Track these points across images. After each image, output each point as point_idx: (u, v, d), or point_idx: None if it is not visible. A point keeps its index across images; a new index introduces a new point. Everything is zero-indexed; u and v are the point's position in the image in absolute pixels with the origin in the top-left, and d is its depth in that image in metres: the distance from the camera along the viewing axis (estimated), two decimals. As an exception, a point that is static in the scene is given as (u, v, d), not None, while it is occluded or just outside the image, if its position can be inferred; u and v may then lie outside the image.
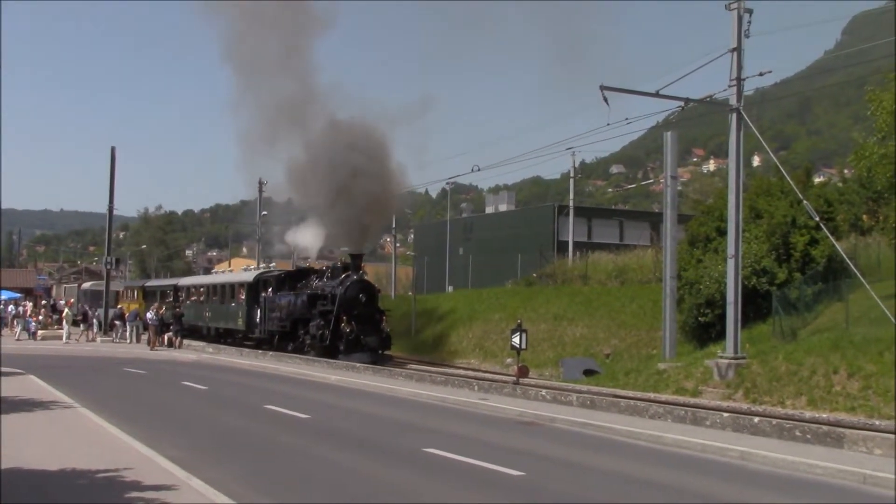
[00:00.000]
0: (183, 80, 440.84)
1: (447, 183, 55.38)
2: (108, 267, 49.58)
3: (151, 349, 36.74)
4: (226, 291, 42.50)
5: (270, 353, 34.43)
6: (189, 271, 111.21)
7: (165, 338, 39.03)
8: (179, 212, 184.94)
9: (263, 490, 10.16)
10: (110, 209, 48.42)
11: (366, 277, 33.44)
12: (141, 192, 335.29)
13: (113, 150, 47.53)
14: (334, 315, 31.09)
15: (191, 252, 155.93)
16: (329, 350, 30.97)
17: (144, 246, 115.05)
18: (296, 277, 36.88)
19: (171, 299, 48.52)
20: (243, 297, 39.39)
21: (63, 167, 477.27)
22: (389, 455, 12.79)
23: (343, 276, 32.73)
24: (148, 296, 53.21)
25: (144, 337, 40.12)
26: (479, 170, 29.27)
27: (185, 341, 39.65)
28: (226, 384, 23.87)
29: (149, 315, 39.37)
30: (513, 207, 67.58)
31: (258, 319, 37.75)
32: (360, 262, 33.40)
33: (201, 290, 46.29)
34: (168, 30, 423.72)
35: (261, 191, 58.70)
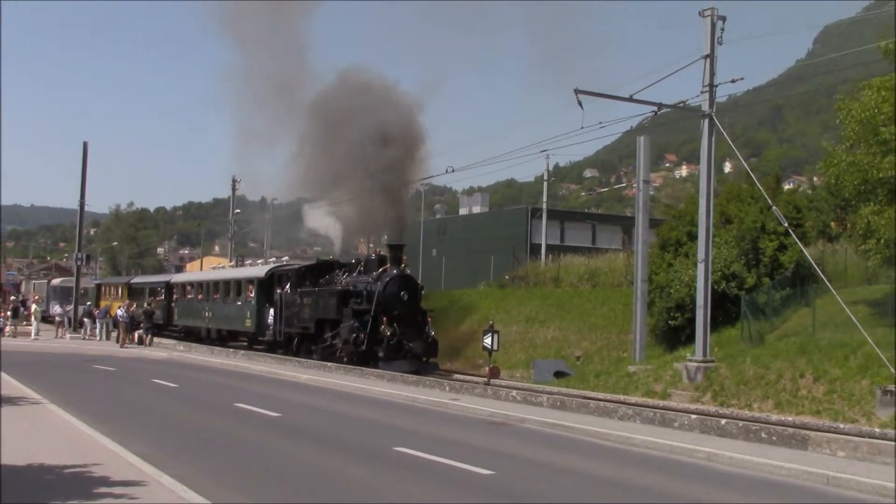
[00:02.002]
0: (157, 76, 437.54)
1: (421, 184, 55.44)
2: (79, 263, 49.18)
3: (121, 346, 36.45)
4: (230, 289, 38.15)
5: (242, 351, 34.15)
6: (161, 269, 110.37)
7: (136, 335, 38.73)
8: (152, 209, 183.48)
9: (233, 487, 10.16)
10: (81, 205, 48.03)
11: (408, 271, 29.32)
12: (113, 188, 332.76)
13: (85, 145, 47.22)
14: (372, 315, 26.96)
15: (162, 250, 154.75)
16: (365, 356, 26.84)
17: (116, 243, 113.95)
18: (318, 272, 32.52)
19: (163, 297, 45.91)
20: (252, 295, 35.23)
21: (34, 162, 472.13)
22: (359, 453, 12.81)
23: (380, 269, 28.43)
24: (134, 293, 50.12)
25: (115, 334, 39.81)
26: (452, 171, 28.51)
27: (156, 339, 39.40)
28: (196, 382, 23.76)
29: (119, 312, 39.05)
30: (486, 209, 67.73)
31: (271, 320, 33.55)
32: (401, 253, 28.94)
33: (200, 287, 42.23)
34: (141, 23, 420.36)
35: (234, 188, 58.49)
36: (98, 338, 41.41)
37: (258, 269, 36.89)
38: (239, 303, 36.81)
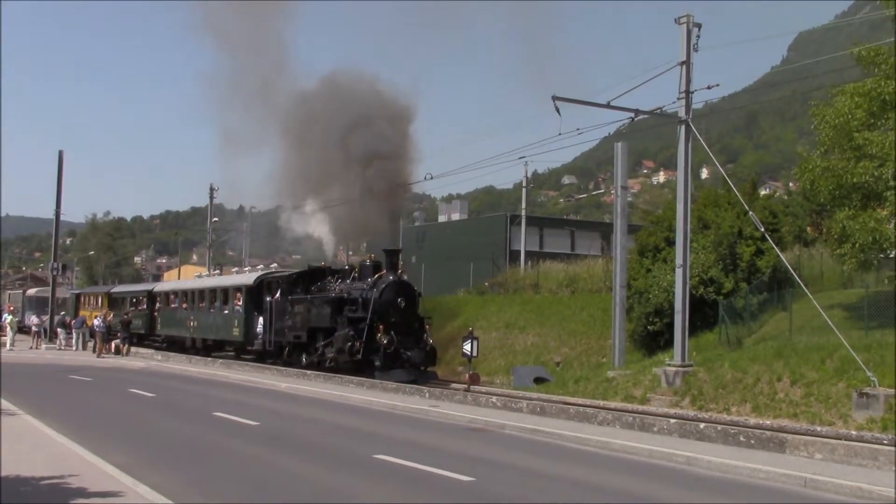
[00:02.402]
0: (134, 84, 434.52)
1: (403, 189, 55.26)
2: (55, 273, 48.72)
3: (98, 356, 36.16)
4: (217, 297, 36.95)
5: (220, 360, 33.91)
6: (138, 278, 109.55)
7: (112, 345, 38.42)
8: (128, 218, 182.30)
9: (211, 496, 10.10)
10: (57, 214, 47.61)
11: (405, 277, 28.26)
12: (89, 197, 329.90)
13: (60, 154, 46.85)
14: (368, 323, 26.03)
15: (140, 259, 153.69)
16: (361, 366, 25.97)
17: (92, 252, 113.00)
18: (310, 279, 31.45)
19: (145, 307, 44.90)
20: (240, 303, 34.25)
21: (8, 171, 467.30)
22: (339, 461, 12.76)
23: (376, 276, 27.51)
24: (115, 302, 49.31)
25: (91, 344, 39.46)
26: (431, 178, 28.02)
27: (134, 349, 39.11)
28: (174, 391, 23.58)
29: (96, 322, 38.74)
30: (465, 216, 67.78)
31: (260, 329, 32.63)
32: (398, 259, 27.90)
33: (184, 295, 41.05)
34: (119, 29, 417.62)
35: (212, 197, 58.18)
36: (74, 348, 41.04)
37: (246, 277, 36.05)
38: (226, 311, 35.84)
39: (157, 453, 13.18)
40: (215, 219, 60.28)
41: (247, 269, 41.11)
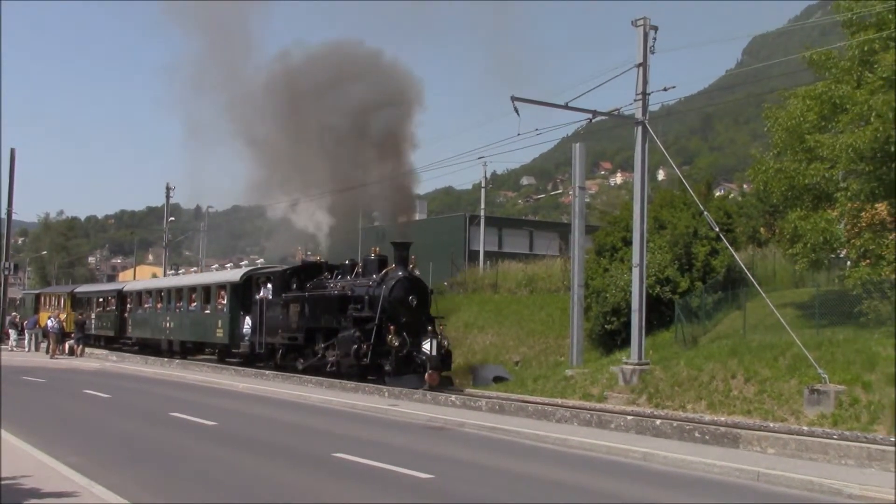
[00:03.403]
0: (89, 79, 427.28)
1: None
2: (6, 273, 47.76)
3: (51, 358, 35.60)
4: (197, 296, 34.50)
5: (177, 360, 33.51)
6: (92, 278, 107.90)
7: (66, 346, 37.85)
8: (82, 217, 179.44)
9: (167, 495, 10.02)
10: (9, 213, 46.71)
11: (416, 273, 25.98)
12: (42, 196, 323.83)
13: (12, 151, 45.88)
14: (376, 324, 23.77)
15: (94, 259, 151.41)
16: (368, 370, 23.85)
17: (45, 252, 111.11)
18: (304, 274, 29.06)
19: (114, 308, 42.58)
20: (225, 302, 31.79)
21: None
22: (298, 459, 12.74)
23: (383, 271, 25.21)
24: (79, 303, 47.01)
25: (44, 345, 38.84)
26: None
27: (88, 349, 38.56)
28: (130, 392, 23.31)
29: (49, 322, 38.12)
30: (424, 216, 67.81)
31: (247, 329, 30.19)
32: (408, 252, 25.27)
33: (159, 295, 38.23)
34: (69, 23, 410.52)
35: (168, 196, 57.57)
36: (27, 349, 40.36)
37: (232, 273, 33.82)
38: (207, 311, 33.35)
39: (113, 454, 13.03)
40: (171, 218, 59.65)
41: (229, 265, 40.60)
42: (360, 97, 27.61)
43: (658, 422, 15.22)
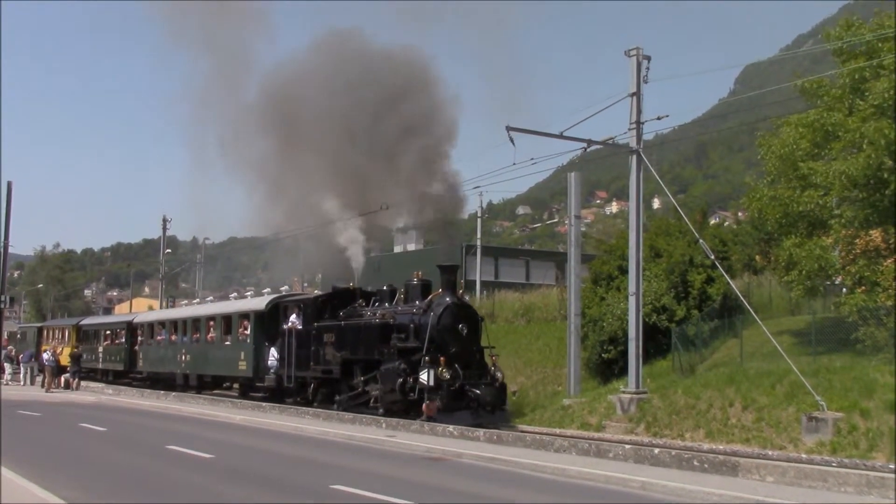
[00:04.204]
0: (84, 113, 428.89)
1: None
2: (2, 306, 47.63)
3: (47, 391, 35.44)
4: (216, 326, 32.40)
5: (173, 393, 33.27)
6: (88, 311, 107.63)
7: (62, 379, 37.70)
8: (79, 250, 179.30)
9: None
10: (5, 246, 46.45)
11: (467, 299, 24.55)
12: (39, 229, 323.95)
13: (9, 184, 45.88)
14: (424, 355, 21.76)
15: (90, 292, 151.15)
16: (416, 406, 21.65)
17: (41, 285, 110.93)
18: (337, 301, 26.78)
19: (123, 341, 40.58)
20: (248, 332, 29.72)
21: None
22: (295, 492, 12.67)
23: (428, 297, 23.38)
24: (85, 336, 45.37)
25: (40, 379, 38.69)
26: (387, 208, 26.62)
27: (84, 383, 38.41)
28: (126, 425, 23.20)
29: (45, 356, 38.00)
30: (421, 247, 67.90)
31: (273, 362, 28.19)
32: (455, 276, 23.65)
33: (173, 326, 36.46)
34: (67, 55, 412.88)
35: (164, 228, 57.67)
36: (22, 383, 40.19)
37: (255, 301, 31.88)
38: (228, 343, 31.29)
39: (109, 487, 12.96)
40: (168, 250, 59.72)
41: (248, 293, 38.96)
42: (400, 121, 26.21)
43: (657, 450, 15.18)
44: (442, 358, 21.47)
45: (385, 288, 26.24)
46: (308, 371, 26.24)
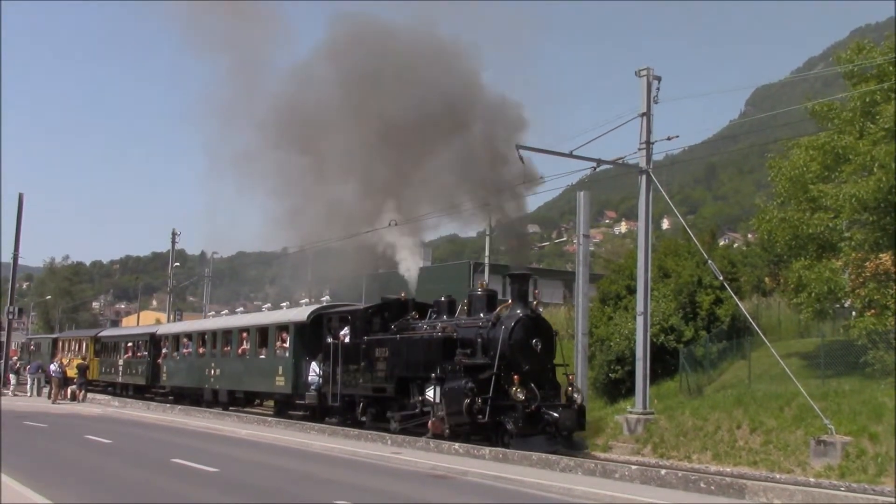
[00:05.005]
0: (94, 125, 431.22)
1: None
2: (11, 317, 47.80)
3: (53, 403, 35.46)
4: (250, 339, 30.57)
5: (179, 406, 33.20)
6: (95, 323, 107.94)
7: (69, 391, 37.73)
8: (87, 262, 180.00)
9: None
10: (15, 258, 46.88)
11: (540, 310, 22.61)
12: (48, 241, 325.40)
13: (21, 196, 46.21)
14: (495, 372, 19.76)
15: (98, 304, 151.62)
16: (484, 430, 19.74)
17: (49, 297, 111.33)
18: (388, 314, 24.83)
19: (146, 353, 38.94)
20: (287, 345, 27.84)
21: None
22: (300, 507, 12.63)
23: (496, 309, 21.57)
24: (104, 348, 43.99)
25: (46, 390, 38.74)
26: (395, 224, 26.09)
27: (90, 395, 38.43)
28: (132, 438, 23.17)
29: (52, 367, 38.07)
30: (429, 264, 67.91)
31: (314, 377, 26.31)
32: (528, 286, 21.72)
33: (201, 338, 34.51)
34: (76, 66, 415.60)
35: (174, 241, 57.87)
36: (28, 394, 40.22)
37: (296, 312, 29.54)
38: (263, 356, 29.45)
39: (114, 499, 12.94)
40: (177, 264, 59.88)
41: (284, 304, 35.63)
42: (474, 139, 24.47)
43: (663, 472, 15.08)
44: (515, 376, 19.60)
45: (443, 299, 24.39)
46: (357, 389, 24.32)
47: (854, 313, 23.28)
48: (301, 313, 28.37)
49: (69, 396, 37.46)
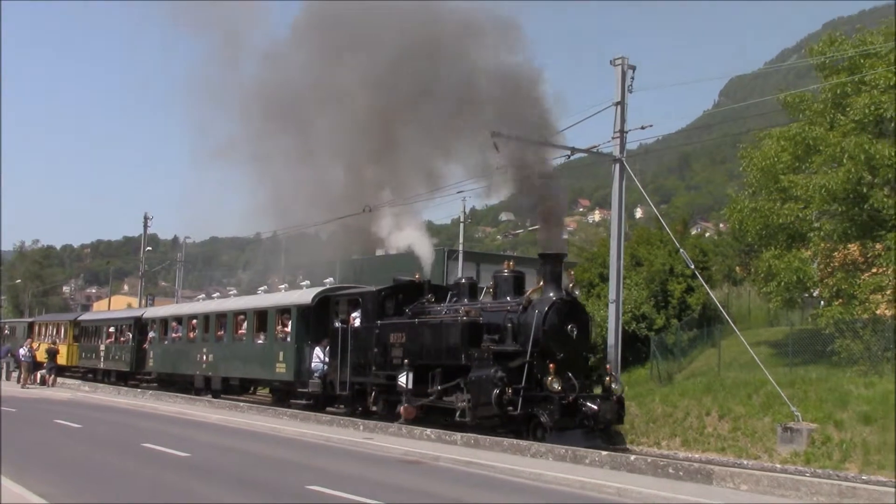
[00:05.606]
0: (65, 107, 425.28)
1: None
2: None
3: (22, 387, 35.15)
4: (247, 322, 28.90)
5: (150, 391, 33.01)
6: (66, 307, 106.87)
7: (38, 375, 37.41)
8: (58, 246, 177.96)
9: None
10: (-16, 241, 46.29)
11: (577, 293, 20.90)
12: (19, 224, 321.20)
13: (-11, 179, 45.62)
14: (528, 360, 18.45)
15: (68, 288, 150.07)
16: (515, 423, 18.41)
17: (19, 281, 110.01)
18: (402, 297, 23.31)
19: (130, 338, 37.48)
20: (289, 330, 26.29)
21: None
22: (270, 492, 12.64)
23: (526, 293, 20.08)
24: (84, 333, 42.72)
25: (16, 374, 38.39)
26: (370, 211, 25.43)
27: (60, 379, 38.12)
28: (102, 423, 23.04)
29: (21, 351, 37.71)
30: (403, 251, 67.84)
31: (316, 363, 24.90)
32: (561, 268, 20.02)
33: (192, 322, 32.88)
34: (53, 47, 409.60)
35: (146, 225, 57.38)
36: (-4, 378, 39.88)
37: (299, 294, 27.43)
38: (261, 341, 27.93)
39: (83, 483, 12.88)
40: (149, 248, 59.41)
41: (282, 286, 33.32)
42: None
43: (632, 457, 15.24)
44: (551, 365, 18.29)
45: (464, 280, 23.42)
46: (368, 377, 22.87)
47: (822, 302, 23.60)
48: (305, 296, 26.61)
49: (39, 381, 37.15)
